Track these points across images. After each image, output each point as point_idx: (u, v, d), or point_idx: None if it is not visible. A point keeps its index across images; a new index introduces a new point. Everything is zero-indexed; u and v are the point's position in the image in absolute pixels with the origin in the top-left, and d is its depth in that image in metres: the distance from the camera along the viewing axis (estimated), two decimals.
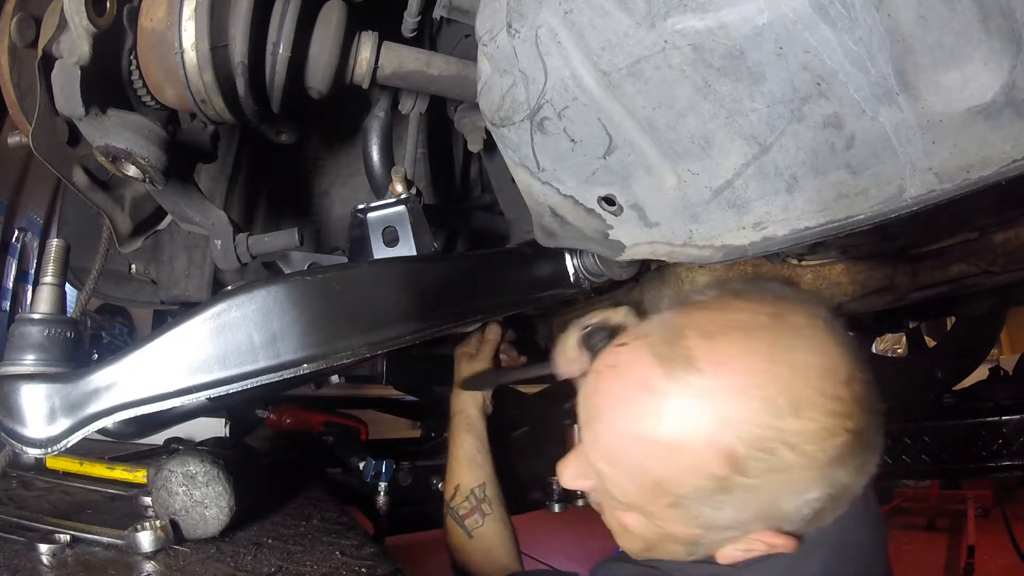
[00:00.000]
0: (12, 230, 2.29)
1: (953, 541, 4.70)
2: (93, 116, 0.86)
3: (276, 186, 1.59)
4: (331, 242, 1.60)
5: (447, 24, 1.25)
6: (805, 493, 0.76)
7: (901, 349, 4.07)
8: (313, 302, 0.85)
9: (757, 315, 0.78)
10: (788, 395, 0.72)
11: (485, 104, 0.85)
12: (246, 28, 0.91)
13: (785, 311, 0.79)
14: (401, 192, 1.12)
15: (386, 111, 1.28)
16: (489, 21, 0.79)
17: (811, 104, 0.66)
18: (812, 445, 0.72)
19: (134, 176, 0.92)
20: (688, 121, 0.72)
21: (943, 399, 2.17)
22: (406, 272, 0.99)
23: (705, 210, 0.78)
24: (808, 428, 0.72)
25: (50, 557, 0.99)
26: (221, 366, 0.80)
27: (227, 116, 0.98)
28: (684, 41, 0.66)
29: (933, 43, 0.59)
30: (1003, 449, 1.72)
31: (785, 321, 0.78)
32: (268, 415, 2.07)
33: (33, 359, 0.81)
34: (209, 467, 1.12)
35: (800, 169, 0.70)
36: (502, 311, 1.16)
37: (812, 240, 0.75)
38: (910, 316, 2.26)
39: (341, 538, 1.21)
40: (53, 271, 0.86)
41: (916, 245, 1.20)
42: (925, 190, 0.65)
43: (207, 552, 1.07)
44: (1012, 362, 2.54)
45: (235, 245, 1.08)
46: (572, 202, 0.88)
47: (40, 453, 0.77)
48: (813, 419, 0.72)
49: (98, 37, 0.81)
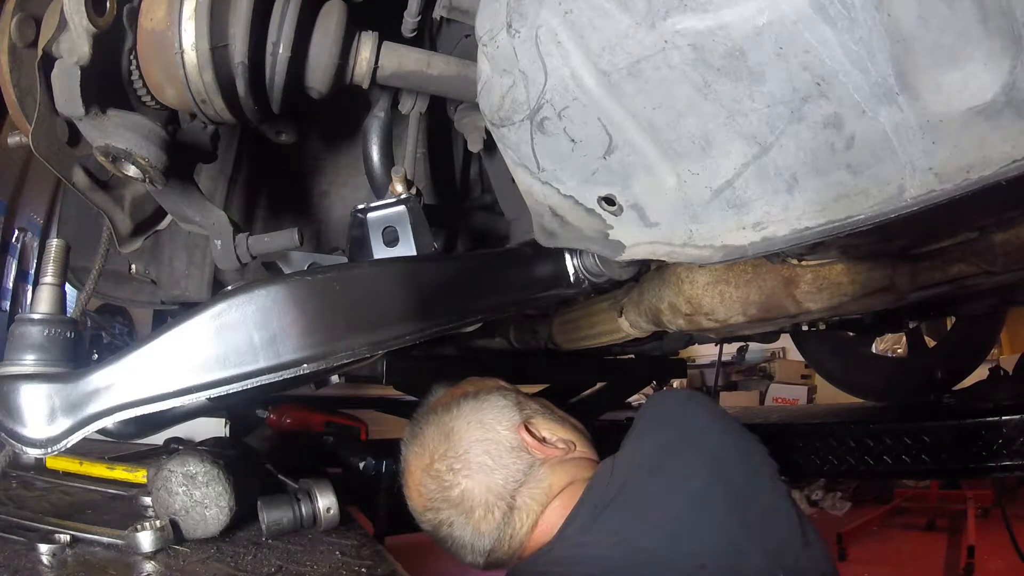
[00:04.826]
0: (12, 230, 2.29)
1: (953, 541, 4.70)
2: (93, 116, 0.86)
3: (276, 186, 1.59)
4: (331, 242, 1.60)
5: (447, 24, 1.25)
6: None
7: (901, 349, 4.07)
8: (313, 302, 0.85)
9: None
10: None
11: (485, 104, 0.85)
12: (246, 28, 0.91)
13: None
14: (401, 192, 1.12)
15: (386, 111, 1.28)
16: (489, 21, 0.79)
17: (811, 104, 0.65)
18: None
19: (134, 176, 0.92)
20: (688, 121, 0.72)
21: (943, 399, 2.17)
22: (406, 272, 0.99)
23: (705, 210, 0.78)
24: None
25: (50, 557, 0.99)
26: (221, 366, 0.80)
27: (227, 116, 0.98)
28: (684, 41, 0.66)
29: (933, 43, 0.59)
30: (1003, 449, 1.72)
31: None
32: (268, 415, 2.07)
33: (33, 359, 0.81)
34: (209, 467, 1.12)
35: (800, 169, 0.70)
36: (502, 311, 1.16)
37: (812, 240, 0.75)
38: (910, 316, 2.26)
39: (341, 538, 1.21)
40: (53, 271, 0.86)
41: (916, 245, 1.20)
42: (925, 190, 0.65)
43: (207, 552, 1.07)
44: (1012, 362, 2.54)
45: (235, 245, 1.08)
46: (572, 202, 0.88)
47: (40, 453, 0.77)
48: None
49: (98, 37, 0.81)
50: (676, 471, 1.08)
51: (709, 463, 1.07)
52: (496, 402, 1.25)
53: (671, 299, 1.31)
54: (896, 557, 4.54)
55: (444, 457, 1.19)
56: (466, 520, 1.15)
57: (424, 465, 1.21)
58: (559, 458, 1.19)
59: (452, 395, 1.32)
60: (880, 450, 1.89)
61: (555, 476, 1.17)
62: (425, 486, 1.20)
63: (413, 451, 1.25)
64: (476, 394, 1.28)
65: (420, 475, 1.21)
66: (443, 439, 1.21)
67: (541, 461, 1.18)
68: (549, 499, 1.15)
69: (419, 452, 1.23)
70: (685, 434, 1.13)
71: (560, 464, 1.19)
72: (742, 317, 1.26)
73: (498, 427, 1.20)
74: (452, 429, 1.21)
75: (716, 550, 0.98)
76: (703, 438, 1.12)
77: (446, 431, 1.21)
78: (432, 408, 1.30)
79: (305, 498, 1.23)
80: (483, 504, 1.14)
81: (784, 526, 1.03)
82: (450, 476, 1.17)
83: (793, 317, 1.28)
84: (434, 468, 1.19)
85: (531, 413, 1.26)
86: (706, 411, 1.18)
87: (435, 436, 1.22)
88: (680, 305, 1.29)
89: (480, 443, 1.18)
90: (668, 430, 1.16)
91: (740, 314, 1.25)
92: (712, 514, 1.01)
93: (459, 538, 1.17)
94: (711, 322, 1.29)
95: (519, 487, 1.15)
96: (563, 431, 1.25)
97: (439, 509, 1.18)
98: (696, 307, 1.27)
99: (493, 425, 1.21)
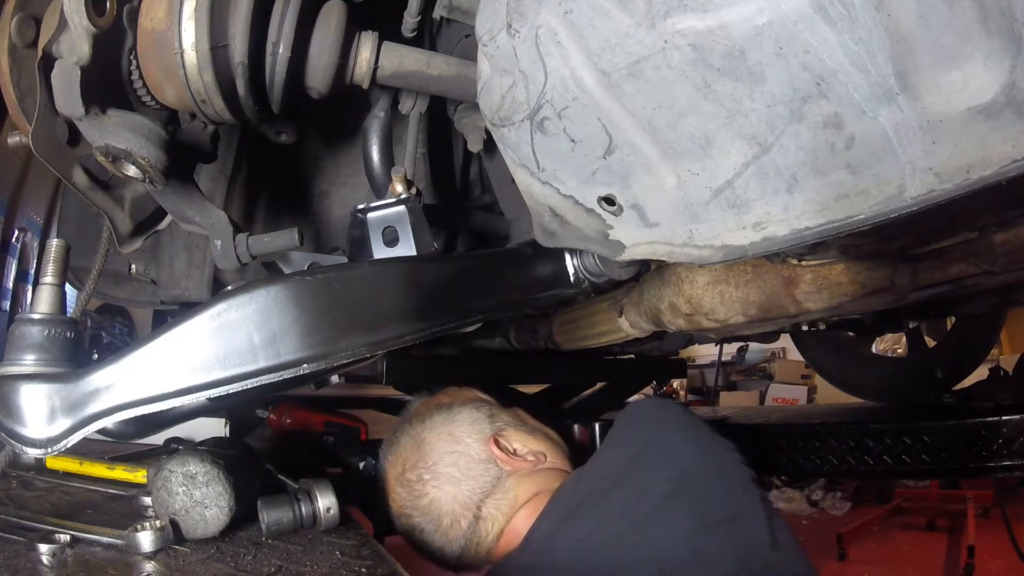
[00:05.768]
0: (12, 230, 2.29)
1: (953, 541, 4.70)
2: (93, 116, 0.86)
3: (276, 186, 1.59)
4: (331, 242, 1.60)
5: (447, 24, 1.25)
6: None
7: (901, 349, 4.07)
8: (313, 302, 0.85)
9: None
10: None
11: (485, 104, 0.85)
12: (246, 28, 0.91)
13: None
14: (401, 192, 1.12)
15: (386, 111, 1.28)
16: (489, 21, 0.79)
17: (811, 104, 0.66)
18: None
19: (134, 176, 0.92)
20: (688, 121, 0.72)
21: (943, 399, 2.17)
22: (406, 272, 0.99)
23: (705, 210, 0.78)
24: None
25: (50, 557, 0.99)
26: (221, 366, 0.80)
27: (227, 116, 0.98)
28: (684, 41, 0.66)
29: (933, 43, 0.59)
30: (1003, 449, 1.72)
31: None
32: (268, 415, 2.07)
33: (33, 359, 0.81)
34: (209, 467, 1.12)
35: (800, 169, 0.70)
36: (502, 311, 1.16)
37: (812, 240, 0.75)
38: (910, 316, 2.26)
39: (341, 538, 1.21)
40: (53, 271, 0.86)
41: (916, 245, 1.20)
42: (925, 190, 0.65)
43: (207, 552, 1.07)
44: (1012, 362, 2.54)
45: (235, 245, 1.08)
46: (572, 202, 0.88)
47: (40, 453, 0.77)
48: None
49: (98, 37, 0.81)
50: (640, 480, 1.10)
51: (674, 472, 1.09)
52: (468, 415, 1.30)
53: (671, 299, 1.31)
54: (896, 557, 4.54)
55: (415, 467, 1.24)
56: (435, 528, 1.21)
57: (397, 474, 1.27)
58: (528, 470, 1.24)
59: (427, 406, 1.37)
60: (880, 450, 1.89)
61: (522, 487, 1.21)
62: (398, 494, 1.26)
63: (388, 460, 1.31)
64: (450, 406, 1.33)
65: (393, 483, 1.27)
66: (415, 449, 1.27)
67: (508, 472, 1.22)
68: (515, 509, 1.19)
69: (392, 461, 1.30)
70: (652, 444, 1.15)
71: (528, 476, 1.23)
72: (742, 317, 1.26)
73: (467, 439, 1.25)
74: (423, 440, 1.27)
75: (676, 556, 1.01)
76: (670, 448, 1.14)
77: (418, 441, 1.27)
78: (408, 418, 1.36)
79: (305, 498, 1.23)
80: (449, 513, 1.20)
81: (752, 530, 1.05)
82: (419, 486, 1.23)
83: (793, 317, 1.28)
84: (405, 477, 1.25)
85: (503, 425, 1.30)
86: (676, 420, 1.19)
87: (408, 446, 1.28)
88: (680, 305, 1.29)
89: (449, 455, 1.24)
90: (636, 440, 1.18)
91: (740, 314, 1.25)
92: (673, 521, 1.04)
93: (430, 543, 1.23)
94: (711, 322, 1.29)
95: (485, 498, 1.20)
96: (535, 443, 1.30)
97: (411, 516, 1.24)
98: (696, 307, 1.27)
99: (463, 437, 1.26)
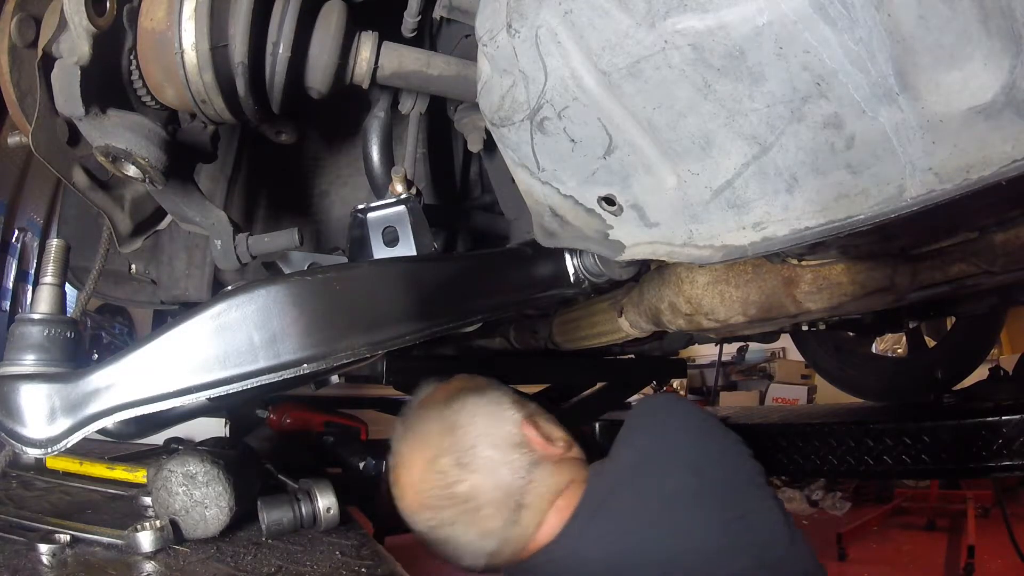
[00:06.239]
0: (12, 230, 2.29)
1: (953, 541, 4.70)
2: (93, 116, 0.86)
3: (276, 186, 1.59)
4: (331, 242, 1.60)
5: (447, 24, 1.26)
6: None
7: (901, 349, 4.07)
8: (313, 302, 0.85)
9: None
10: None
11: (485, 104, 0.85)
12: (246, 28, 0.91)
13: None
14: (401, 192, 1.12)
15: (386, 111, 1.28)
16: (489, 21, 0.79)
17: (811, 104, 0.65)
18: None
19: (134, 176, 0.92)
20: (688, 121, 0.72)
21: (943, 399, 2.17)
22: (406, 272, 0.99)
23: (705, 210, 0.78)
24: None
25: (50, 557, 0.99)
26: (221, 366, 0.80)
27: (227, 116, 0.98)
28: (684, 41, 0.66)
29: (933, 43, 0.59)
30: (1003, 449, 1.72)
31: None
32: (268, 415, 2.07)
33: (33, 359, 0.81)
34: (209, 467, 1.12)
35: (800, 169, 0.70)
36: (502, 311, 1.16)
37: (812, 240, 0.75)
38: (910, 316, 2.26)
39: (341, 538, 1.21)
40: (53, 271, 0.86)
41: (916, 245, 1.20)
42: (925, 190, 0.65)
43: (207, 552, 1.07)
44: (1012, 362, 2.53)
45: (235, 245, 1.08)
46: (572, 202, 0.88)
47: (40, 453, 0.77)
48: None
49: (98, 37, 0.81)
50: (653, 477, 1.09)
51: (686, 467, 1.09)
52: (499, 397, 1.23)
53: (671, 299, 1.31)
54: (896, 557, 4.54)
55: (449, 451, 1.14)
56: (471, 519, 1.12)
57: (427, 460, 1.16)
58: (558, 456, 1.18)
59: (448, 390, 1.27)
60: (880, 450, 1.89)
61: (558, 475, 1.15)
62: (425, 483, 1.15)
63: (408, 450, 1.20)
64: (477, 388, 1.25)
65: (421, 472, 1.16)
66: (446, 433, 1.16)
67: (542, 458, 1.16)
68: (555, 498, 1.13)
69: (420, 448, 1.18)
70: (663, 440, 1.14)
71: (559, 463, 1.17)
72: (742, 317, 1.26)
73: (504, 422, 1.17)
74: (456, 423, 1.17)
75: (690, 550, 1.01)
76: (681, 444, 1.13)
77: (449, 424, 1.17)
78: (427, 403, 1.26)
79: (305, 498, 1.23)
80: (491, 502, 1.11)
81: (768, 526, 1.05)
82: (457, 471, 1.12)
83: (793, 317, 1.27)
84: (439, 463, 1.14)
85: (532, 410, 1.24)
86: (687, 416, 1.19)
87: (436, 431, 1.18)
88: (680, 305, 1.29)
89: (487, 437, 1.15)
90: (648, 437, 1.17)
91: (740, 314, 1.25)
92: (686, 516, 1.04)
93: (460, 538, 1.13)
94: (711, 322, 1.29)
95: (526, 484, 1.12)
96: (560, 430, 1.24)
97: (440, 508, 1.13)
98: (696, 307, 1.27)
99: (499, 420, 1.18)
